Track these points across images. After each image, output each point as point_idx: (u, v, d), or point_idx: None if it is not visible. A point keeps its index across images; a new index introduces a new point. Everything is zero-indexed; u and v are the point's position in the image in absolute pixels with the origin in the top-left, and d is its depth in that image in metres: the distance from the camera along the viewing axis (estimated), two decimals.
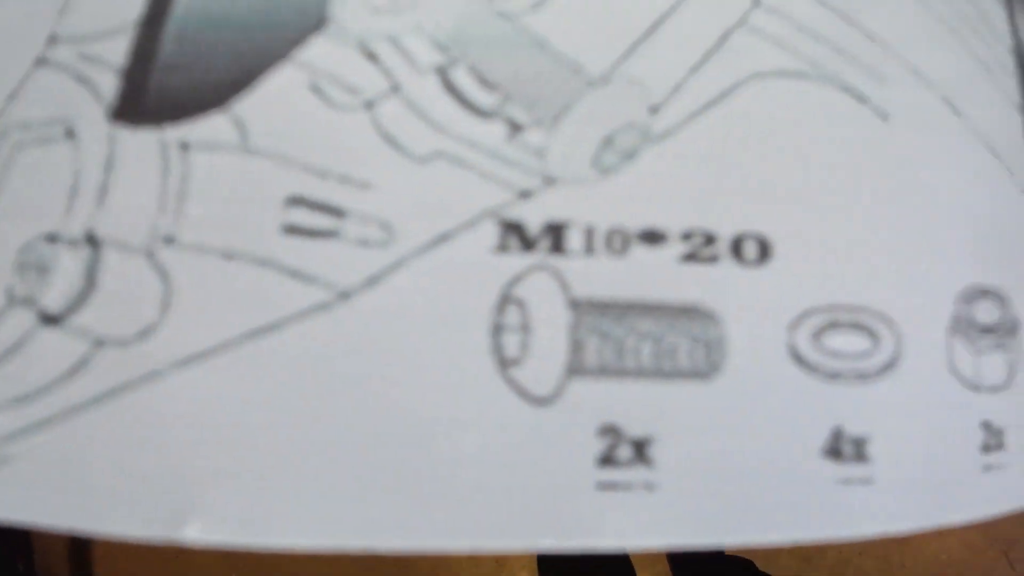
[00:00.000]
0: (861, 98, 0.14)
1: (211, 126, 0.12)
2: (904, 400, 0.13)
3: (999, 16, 0.17)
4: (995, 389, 0.14)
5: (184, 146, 0.12)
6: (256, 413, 0.11)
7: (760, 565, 0.69)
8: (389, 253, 0.11)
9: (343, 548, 0.11)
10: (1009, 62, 0.16)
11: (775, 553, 0.84)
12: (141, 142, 0.12)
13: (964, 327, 0.14)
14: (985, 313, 0.14)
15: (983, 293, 0.14)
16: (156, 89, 0.12)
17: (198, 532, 0.10)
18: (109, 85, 0.12)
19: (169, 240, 0.11)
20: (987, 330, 0.14)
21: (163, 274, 0.11)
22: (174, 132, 0.12)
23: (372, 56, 0.12)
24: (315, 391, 0.11)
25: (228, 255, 0.11)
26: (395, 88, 0.12)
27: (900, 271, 0.13)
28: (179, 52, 0.12)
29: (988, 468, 0.14)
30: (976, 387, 0.14)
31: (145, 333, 0.11)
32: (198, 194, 0.11)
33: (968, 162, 0.14)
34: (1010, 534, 0.82)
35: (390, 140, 0.12)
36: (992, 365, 0.14)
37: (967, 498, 0.13)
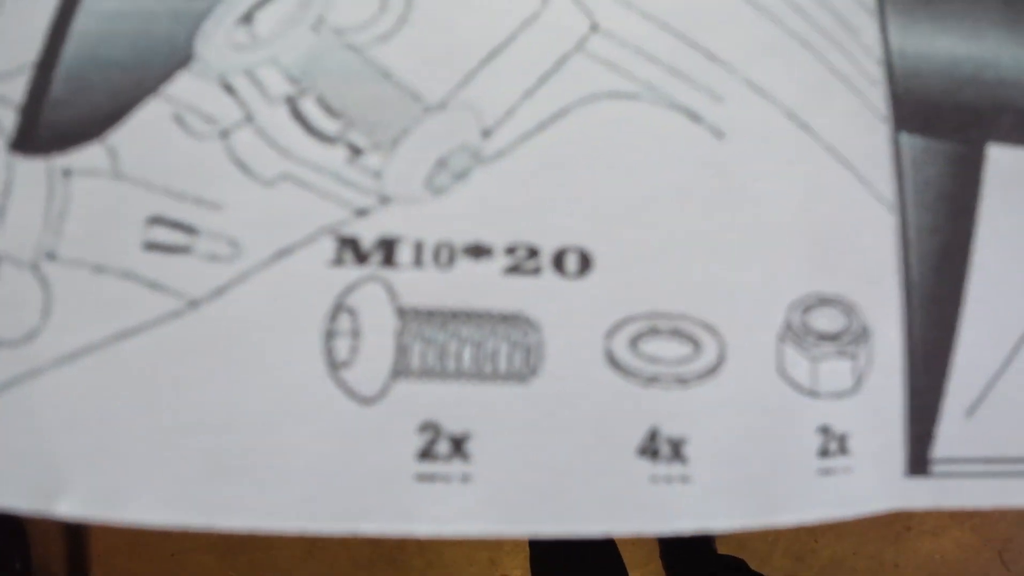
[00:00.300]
0: (695, 117, 0.14)
1: (89, 155, 0.13)
2: (726, 404, 0.13)
3: (870, 29, 0.17)
4: (838, 395, 0.15)
5: (67, 172, 0.13)
6: (118, 405, 0.12)
7: (754, 564, 0.69)
8: (235, 267, 0.13)
9: (189, 526, 0.12)
10: (878, 74, 0.17)
11: (768, 552, 0.83)
12: (32, 169, 0.13)
13: (799, 334, 0.14)
14: (826, 321, 0.15)
15: (823, 301, 0.15)
16: (47, 123, 0.14)
17: (68, 508, 0.12)
18: (10, 120, 0.14)
19: (51, 256, 0.13)
20: (827, 337, 0.15)
21: (45, 285, 0.13)
22: (59, 160, 0.13)
23: (230, 88, 0.14)
24: (169, 386, 0.12)
25: (98, 269, 0.13)
26: (248, 117, 0.13)
27: (726, 281, 0.14)
28: (67, 90, 0.14)
29: (826, 472, 0.14)
30: (813, 393, 0.14)
31: (30, 336, 0.13)
32: (75, 215, 0.13)
33: (811, 174, 0.15)
34: (1004, 534, 0.80)
35: (241, 165, 0.13)
36: (834, 371, 0.15)
37: (800, 500, 0.14)
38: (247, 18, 0.14)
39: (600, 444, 0.13)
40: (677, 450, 0.13)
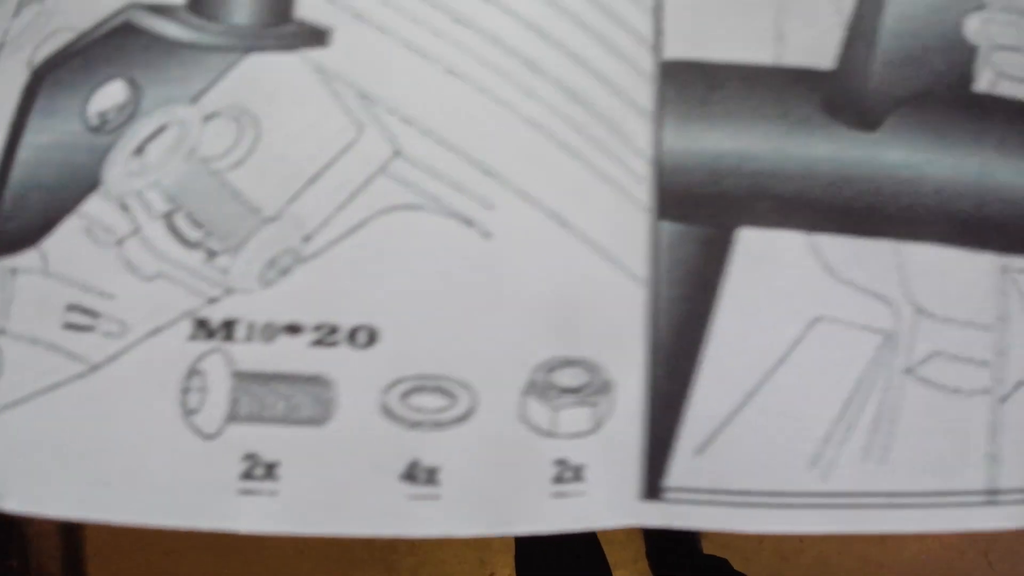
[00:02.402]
0: (468, 222, 0.19)
1: (28, 257, 0.19)
2: (474, 442, 0.18)
3: (643, 133, 0.21)
4: (576, 435, 0.19)
5: (13, 271, 0.19)
6: (47, 435, 0.18)
7: (739, 564, 0.71)
8: (123, 341, 0.18)
9: (84, 518, 0.17)
10: (646, 171, 0.20)
11: (755, 552, 0.85)
12: None
13: (541, 389, 0.19)
14: (569, 378, 0.19)
15: (567, 362, 0.19)
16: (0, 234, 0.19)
17: (11, 505, 0.18)
18: None
19: (2, 331, 0.19)
20: (569, 391, 0.19)
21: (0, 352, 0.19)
22: (8, 262, 0.19)
23: (125, 207, 0.19)
24: (76, 423, 0.18)
25: (34, 341, 0.18)
26: (136, 230, 0.18)
27: (482, 349, 0.18)
28: (13, 207, 0.19)
29: (559, 495, 0.19)
30: (552, 434, 0.19)
31: None
32: (19, 301, 0.18)
33: (565, 262, 0.19)
34: (990, 535, 0.81)
35: (129, 266, 0.18)
36: (574, 418, 0.19)
37: (535, 516, 0.18)
38: (139, 150, 0.19)
39: (373, 471, 0.17)
40: (432, 476, 0.18)
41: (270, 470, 0.18)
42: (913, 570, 0.78)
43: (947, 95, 0.22)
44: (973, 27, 0.22)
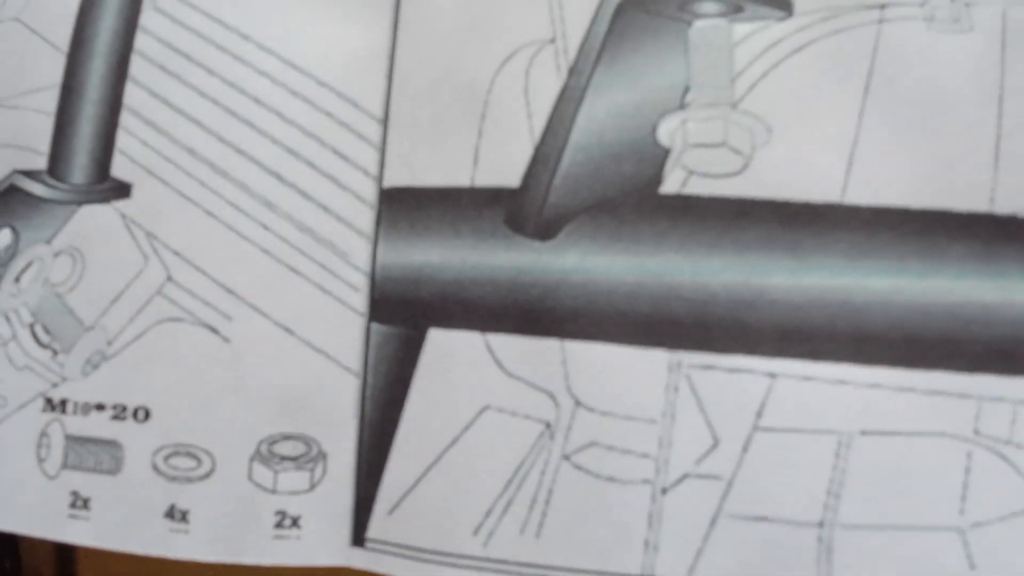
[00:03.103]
0: (214, 330, 0.25)
1: None
2: (215, 494, 0.24)
3: (361, 252, 0.25)
4: (295, 492, 0.24)
5: None
6: None
7: None
8: (5, 411, 0.26)
9: None
10: (362, 283, 0.25)
11: None
12: None
13: (265, 457, 0.24)
14: (288, 449, 0.25)
15: (288, 437, 0.25)
16: None
17: None
18: None
19: None
20: (288, 458, 0.25)
21: None
22: None
23: (7, 318, 0.27)
24: None
25: None
26: (14, 335, 0.27)
27: (220, 426, 0.24)
28: None
29: (279, 537, 0.25)
30: (274, 491, 0.24)
31: None
32: None
33: (290, 360, 0.25)
34: None
35: (10, 360, 0.27)
36: (292, 479, 0.25)
37: (261, 552, 0.24)
38: (17, 279, 0.27)
39: (147, 509, 0.25)
40: (184, 516, 0.24)
41: (86, 503, 0.26)
42: None
43: (631, 200, 0.24)
44: (668, 128, 0.24)
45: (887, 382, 0.22)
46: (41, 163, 0.29)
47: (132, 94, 0.28)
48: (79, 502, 0.26)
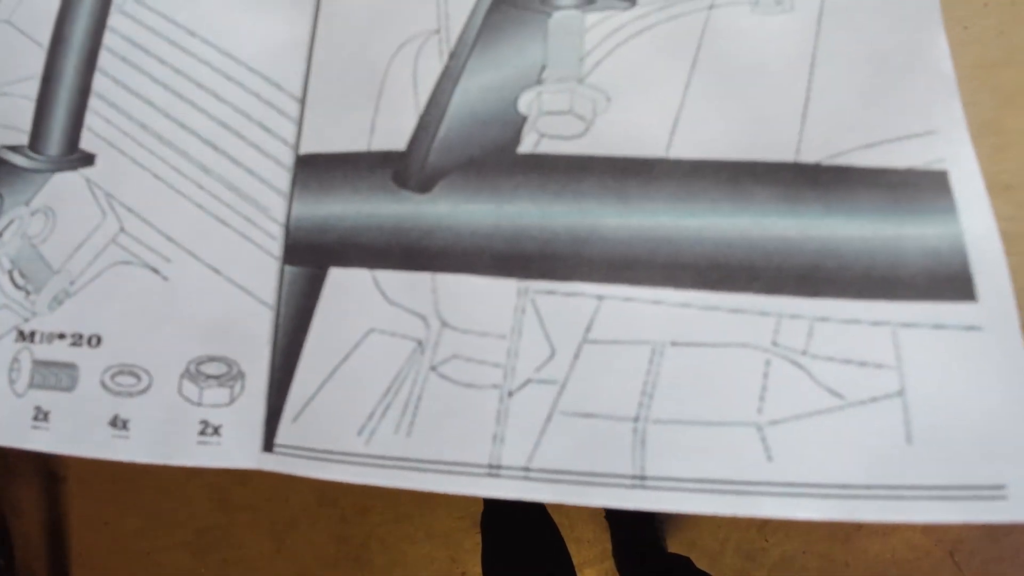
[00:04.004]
0: (155, 271, 0.30)
1: None
2: (151, 405, 0.29)
3: (279, 206, 0.30)
4: (217, 406, 0.29)
5: None
6: None
7: (705, 564, 0.73)
8: None
9: None
10: (278, 232, 0.30)
11: (719, 551, 0.85)
12: None
13: (193, 375, 0.29)
14: (213, 369, 0.29)
15: (212, 359, 0.29)
16: None
17: None
18: None
19: None
20: (212, 376, 0.29)
21: None
22: None
23: None
24: None
25: None
26: None
27: (157, 349, 0.29)
28: None
29: (203, 443, 0.29)
30: (199, 404, 0.29)
31: None
32: None
33: (217, 295, 0.29)
34: (955, 535, 0.77)
35: None
36: (214, 394, 0.29)
37: (186, 455, 0.29)
38: (0, 234, 0.33)
39: (94, 419, 0.30)
40: (125, 424, 0.29)
41: (46, 416, 0.30)
42: (877, 569, 0.75)
43: (494, 159, 0.29)
44: (526, 100, 0.29)
45: (696, 302, 0.26)
46: (23, 139, 0.34)
47: (98, 81, 0.34)
48: (40, 415, 0.31)
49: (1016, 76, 0.28)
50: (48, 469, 0.90)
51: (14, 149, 0.35)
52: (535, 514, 0.69)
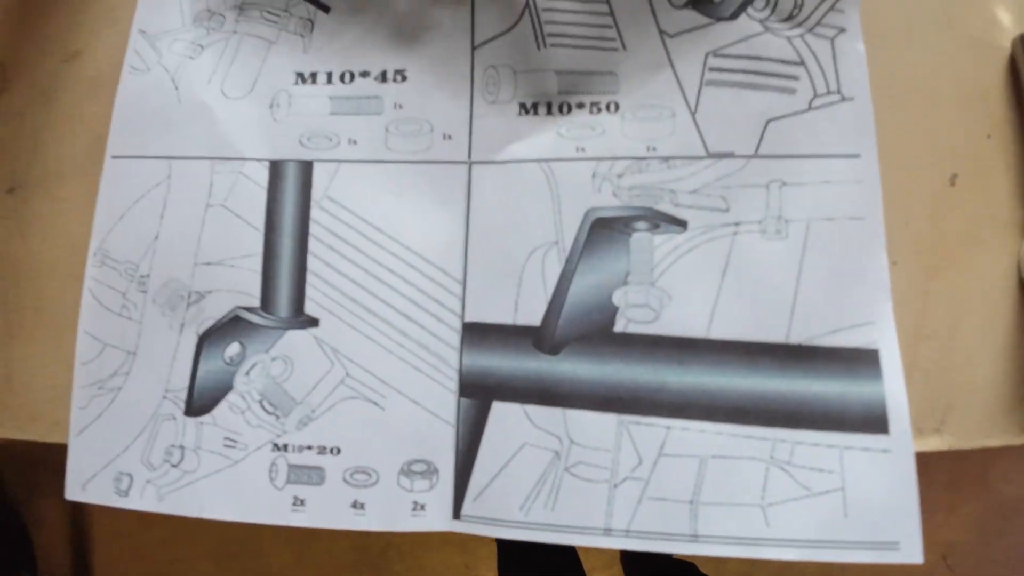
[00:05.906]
0: (375, 403, 0.45)
1: (206, 418, 0.46)
2: (380, 494, 0.44)
3: (453, 358, 0.45)
4: (421, 492, 0.45)
5: (199, 424, 0.47)
6: None
7: (709, 568, 0.79)
8: (246, 452, 0.46)
9: None
10: (455, 376, 0.45)
11: (722, 559, 0.95)
12: None
13: (406, 472, 0.45)
14: (418, 467, 0.45)
15: (416, 460, 0.45)
16: None
17: None
18: None
19: (197, 447, 0.47)
20: (418, 473, 0.45)
21: None
22: (197, 419, 0.47)
23: (243, 397, 0.46)
24: None
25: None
26: (248, 407, 0.46)
27: (381, 456, 0.45)
28: (199, 396, 0.47)
29: (414, 515, 0.45)
30: (409, 491, 0.45)
31: None
32: (206, 437, 0.46)
33: (416, 418, 0.45)
34: (948, 538, 0.83)
35: (247, 422, 0.46)
36: (420, 484, 0.45)
37: (406, 523, 0.45)
38: (247, 373, 0.46)
39: (336, 506, 0.44)
40: (363, 506, 0.44)
41: (303, 502, 0.45)
42: (873, 572, 0.90)
43: (598, 335, 0.45)
44: (618, 295, 0.45)
45: (726, 431, 0.44)
46: (254, 302, 0.48)
47: (312, 262, 0.47)
48: (298, 502, 0.46)
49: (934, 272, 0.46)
50: None
51: (249, 310, 0.48)
52: None
